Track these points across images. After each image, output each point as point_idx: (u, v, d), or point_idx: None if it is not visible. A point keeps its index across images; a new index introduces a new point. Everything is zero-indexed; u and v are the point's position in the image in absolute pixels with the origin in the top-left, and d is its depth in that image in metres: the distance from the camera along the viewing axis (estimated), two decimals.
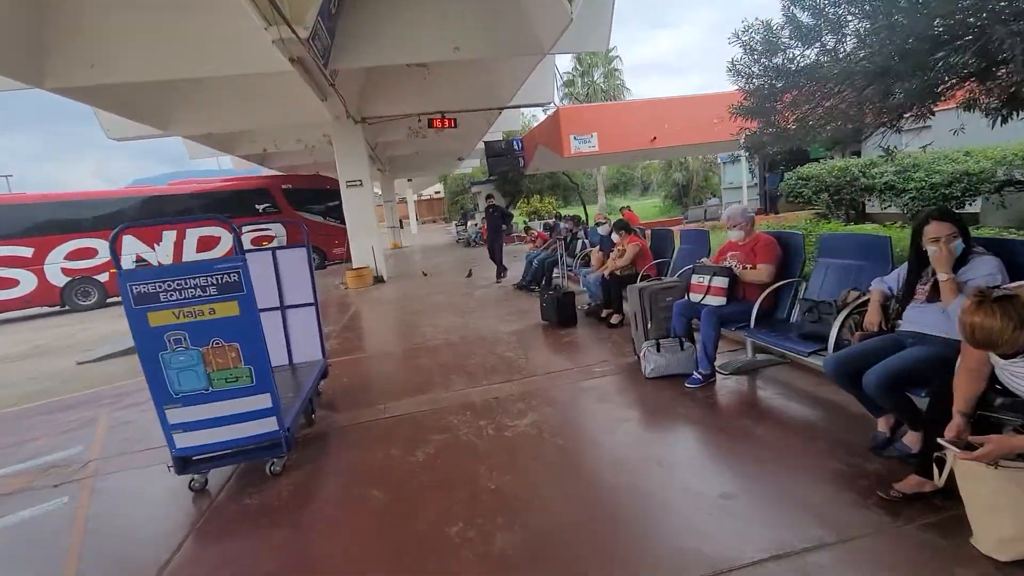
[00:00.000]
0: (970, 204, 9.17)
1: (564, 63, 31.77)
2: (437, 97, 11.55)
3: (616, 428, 3.02)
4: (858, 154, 15.42)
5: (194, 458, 2.73)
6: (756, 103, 5.97)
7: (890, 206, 10.51)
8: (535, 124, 21.26)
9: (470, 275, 10.54)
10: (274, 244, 14.99)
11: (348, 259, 11.65)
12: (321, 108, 10.28)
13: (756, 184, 19.38)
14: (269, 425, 2.75)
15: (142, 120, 9.84)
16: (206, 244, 15.21)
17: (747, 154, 13.26)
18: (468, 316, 6.71)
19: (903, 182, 9.69)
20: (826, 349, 2.73)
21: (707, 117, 13.09)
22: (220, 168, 23.95)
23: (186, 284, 2.49)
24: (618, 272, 5.19)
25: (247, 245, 15.98)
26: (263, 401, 2.69)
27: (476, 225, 20.63)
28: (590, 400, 3.50)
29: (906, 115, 5.69)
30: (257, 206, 16.44)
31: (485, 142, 16.18)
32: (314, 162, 17.81)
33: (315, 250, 17.08)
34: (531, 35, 8.29)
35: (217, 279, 2.52)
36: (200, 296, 2.52)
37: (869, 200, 10.76)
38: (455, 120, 11.86)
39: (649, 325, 3.90)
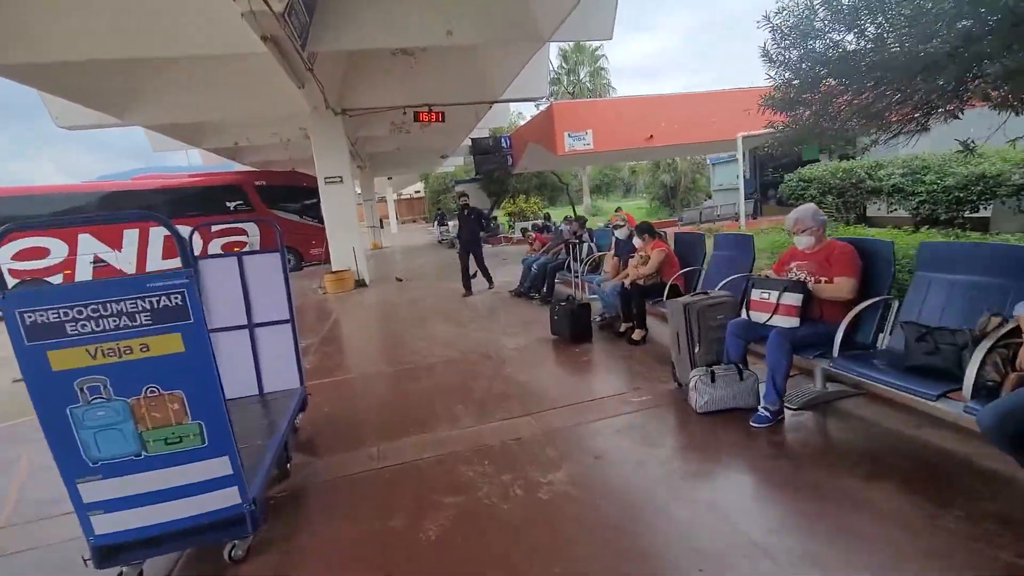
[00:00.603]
0: (984, 208, 8.83)
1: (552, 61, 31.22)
2: (423, 88, 10.80)
3: (682, 489, 2.37)
4: (847, 157, 15.15)
5: (122, 546, 1.98)
6: (794, 93, 5.42)
7: (897, 209, 10.16)
8: (521, 123, 20.62)
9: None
10: (248, 248, 14.04)
11: (326, 260, 10.82)
12: (298, 97, 9.43)
13: (748, 186, 19.10)
14: (229, 498, 2.02)
15: (95, 106, 8.85)
16: (170, 249, 14.17)
17: (745, 154, 12.85)
18: (465, 327, 6.01)
19: (912, 184, 9.31)
20: (958, 390, 2.13)
21: (704, 115, 12.66)
22: (190, 164, 22.72)
23: (106, 310, 1.75)
24: (641, 282, 4.56)
25: (218, 250, 15.08)
26: (220, 467, 1.96)
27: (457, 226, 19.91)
28: (636, 443, 2.85)
29: (940, 110, 5.21)
30: (228, 203, 15.45)
31: (472, 139, 15.47)
32: (289, 158, 16.86)
33: (291, 251, 16.19)
34: (531, 20, 7.63)
35: (152, 302, 1.78)
36: (128, 327, 1.78)
37: (875, 203, 10.39)
38: (442, 114, 11.13)
39: (697, 348, 3.27)
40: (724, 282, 3.82)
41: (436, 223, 22.19)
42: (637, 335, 4.59)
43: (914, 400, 2.50)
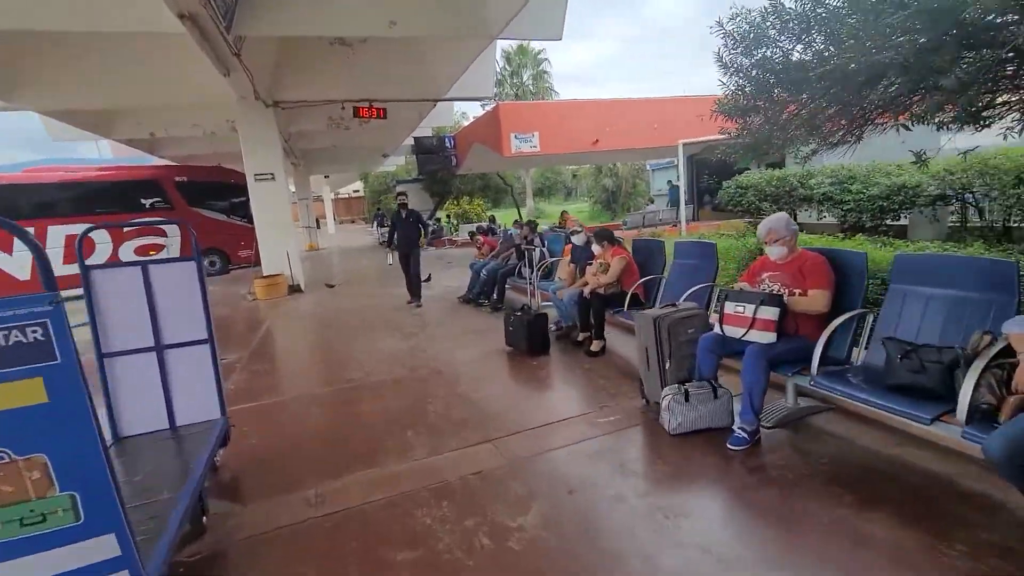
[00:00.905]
0: (903, 217, 9.41)
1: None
2: (364, 83, 10.22)
3: (667, 529, 2.13)
4: (777, 166, 15.89)
5: None
6: (745, 100, 5.41)
7: (825, 216, 10.68)
8: (466, 123, 20.26)
9: (428, 279, 9.40)
10: (165, 254, 12.80)
11: (256, 263, 10.00)
12: (223, 85, 8.62)
13: (686, 192, 19.68)
14: None
15: None
16: (89, 253, 12.72)
17: (682, 161, 13.14)
18: (413, 338, 5.59)
19: (841, 193, 9.80)
20: (950, 412, 2.02)
21: (647, 122, 12.84)
22: (101, 156, 20.65)
23: None
24: (601, 290, 4.35)
25: (130, 255, 13.71)
26: (104, 548, 1.51)
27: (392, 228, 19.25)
28: (610, 472, 2.59)
29: (877, 122, 5.38)
30: (143, 201, 14.09)
31: (415, 138, 14.93)
32: (214, 152, 15.60)
33: (217, 253, 15.00)
34: (480, 15, 7.31)
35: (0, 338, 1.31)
36: None
37: (805, 210, 10.87)
38: (384, 111, 10.59)
39: (667, 364, 3.07)
40: (689, 292, 3.67)
41: (375, 224, 21.29)
42: (596, 346, 4.38)
43: (895, 419, 2.40)
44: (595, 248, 4.57)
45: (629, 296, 4.24)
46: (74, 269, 2.87)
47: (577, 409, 3.39)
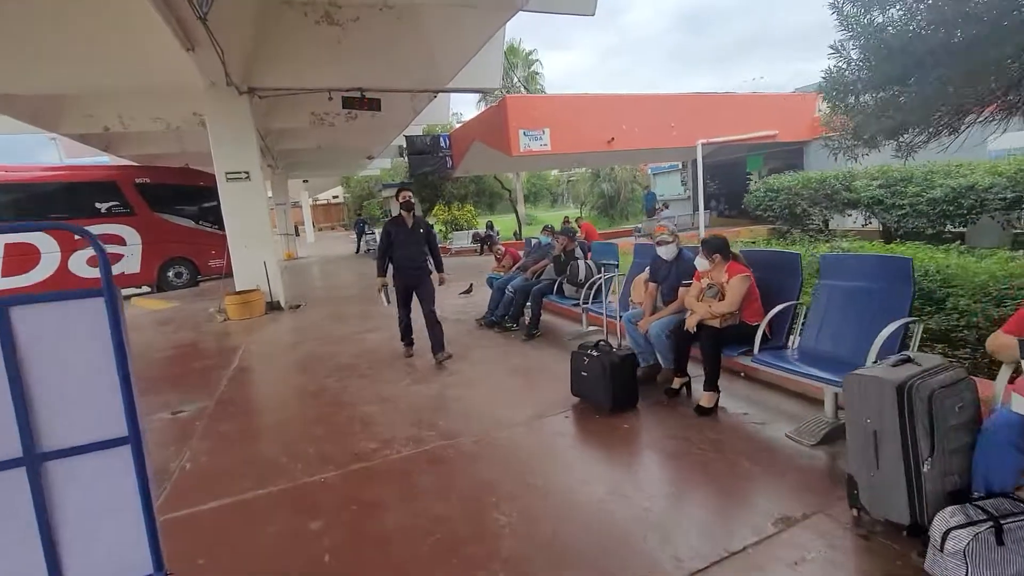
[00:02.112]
0: (962, 223, 8.45)
1: None
2: (355, 70, 8.88)
3: None
4: (794, 168, 14.99)
5: None
6: (869, 72, 4.28)
7: (870, 222, 9.70)
8: (458, 125, 18.97)
9: (469, 290, 8.21)
10: (123, 265, 11.16)
11: (227, 273, 8.55)
12: (187, 64, 7.22)
13: (689, 196, 18.74)
14: None
15: None
16: (10, 264, 11.13)
17: (700, 162, 12.10)
18: (437, 381, 4.27)
19: (892, 196, 8.81)
20: None
21: (664, 119, 11.76)
22: (62, 158, 18.76)
23: None
24: (717, 323, 3.12)
25: (82, 266, 12.12)
26: None
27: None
28: None
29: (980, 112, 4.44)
30: (98, 205, 12.46)
31: (406, 137, 13.61)
32: (182, 152, 14.01)
33: (184, 262, 13.44)
34: None
35: None
36: None
37: (848, 214, 9.87)
38: (378, 101, 9.26)
39: (927, 465, 1.83)
40: (884, 336, 2.45)
41: (356, 232, 19.89)
42: (708, 401, 3.13)
43: None
44: (700, 263, 3.32)
45: (744, 328, 3.03)
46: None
47: (739, 528, 2.12)
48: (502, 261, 6.69)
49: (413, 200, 5.01)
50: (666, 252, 3.70)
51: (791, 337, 3.19)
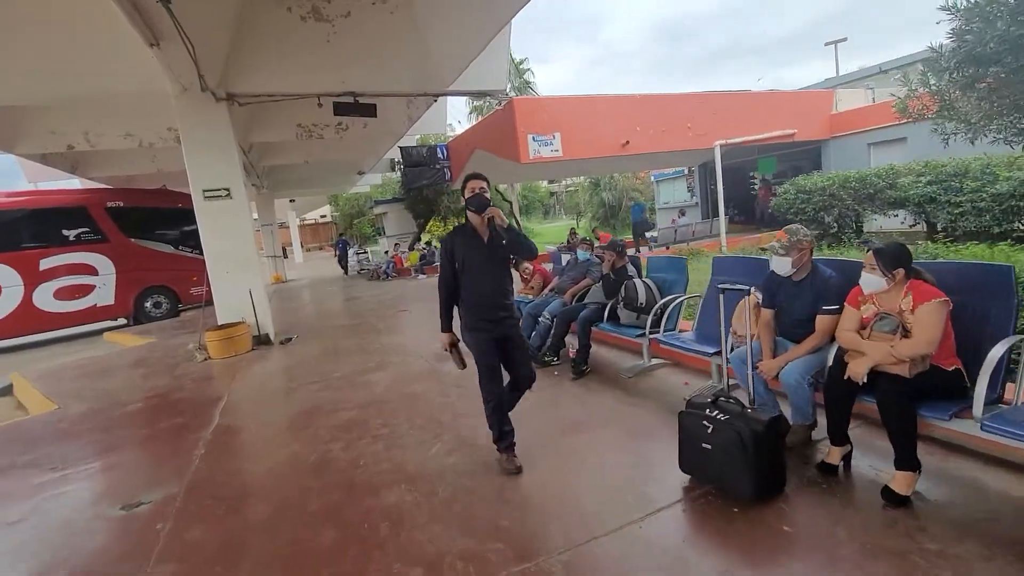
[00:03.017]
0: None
1: None
2: (347, 72, 7.96)
3: None
4: (800, 171, 14.23)
5: None
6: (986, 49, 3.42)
7: (917, 223, 8.89)
8: (452, 136, 18.08)
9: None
10: (95, 296, 9.99)
11: (209, 301, 7.51)
12: (157, 69, 6.26)
13: (697, 203, 17.99)
14: None
15: None
16: None
17: (719, 165, 11.30)
18: (477, 447, 3.27)
19: (945, 193, 8.00)
20: None
21: (681, 120, 10.97)
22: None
23: None
24: (906, 372, 2.16)
25: (48, 300, 10.99)
26: None
27: (387, 253, 16.85)
28: None
29: None
30: (66, 232, 11.36)
31: (401, 148, 12.70)
32: (158, 171, 12.95)
33: (163, 291, 12.35)
34: None
35: None
36: None
37: (893, 215, 9.03)
38: (375, 107, 8.33)
39: None
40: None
41: (338, 252, 18.95)
42: (904, 485, 2.15)
43: None
44: (871, 281, 2.35)
45: (942, 376, 2.10)
46: None
47: None
48: (530, 282, 5.72)
49: (487, 193, 2.87)
50: (780, 266, 2.75)
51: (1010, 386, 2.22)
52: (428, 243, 17.19)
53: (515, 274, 3.69)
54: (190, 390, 5.45)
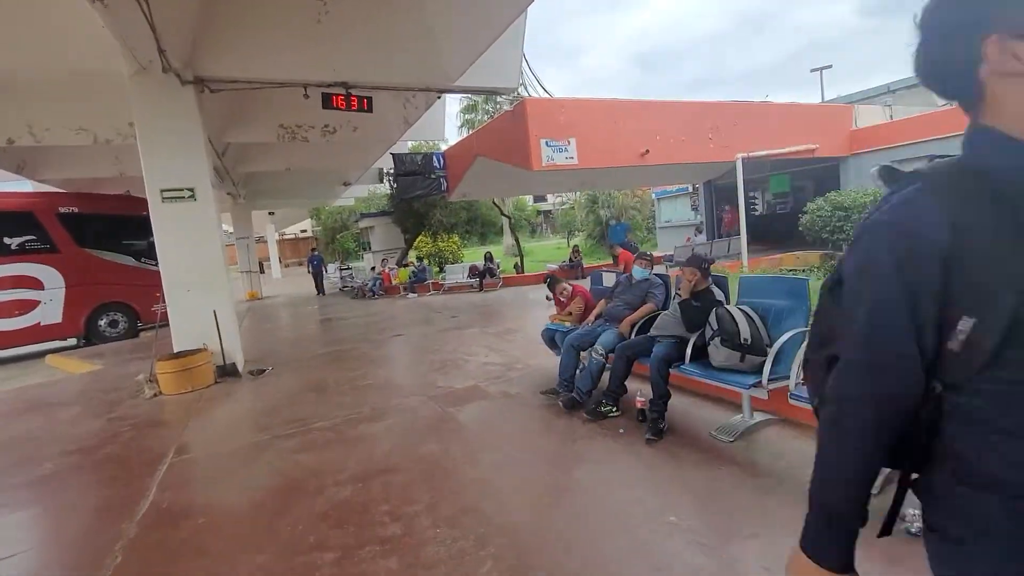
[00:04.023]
0: None
1: None
2: (339, 59, 6.88)
3: None
4: (820, 193, 13.50)
5: None
6: None
7: None
8: (447, 147, 17.06)
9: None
10: (40, 313, 8.45)
11: (164, 322, 6.25)
12: (107, 40, 5.09)
13: (702, 222, 17.20)
14: None
15: None
16: None
17: (740, 180, 10.48)
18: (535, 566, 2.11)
19: None
20: None
21: (702, 130, 10.12)
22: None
23: None
24: None
25: None
26: None
27: (374, 270, 15.59)
28: None
29: None
30: (8, 240, 9.96)
31: (393, 155, 11.62)
32: (121, 175, 11.59)
33: (121, 308, 10.97)
34: None
35: None
36: None
37: None
38: (369, 101, 7.23)
39: None
40: None
41: (312, 270, 17.37)
42: None
43: None
44: None
45: None
46: None
47: None
48: (568, 306, 4.60)
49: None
50: None
51: None
52: (420, 259, 16.01)
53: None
54: (125, 443, 4.15)
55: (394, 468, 3.17)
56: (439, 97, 8.17)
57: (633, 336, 3.83)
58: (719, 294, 3.43)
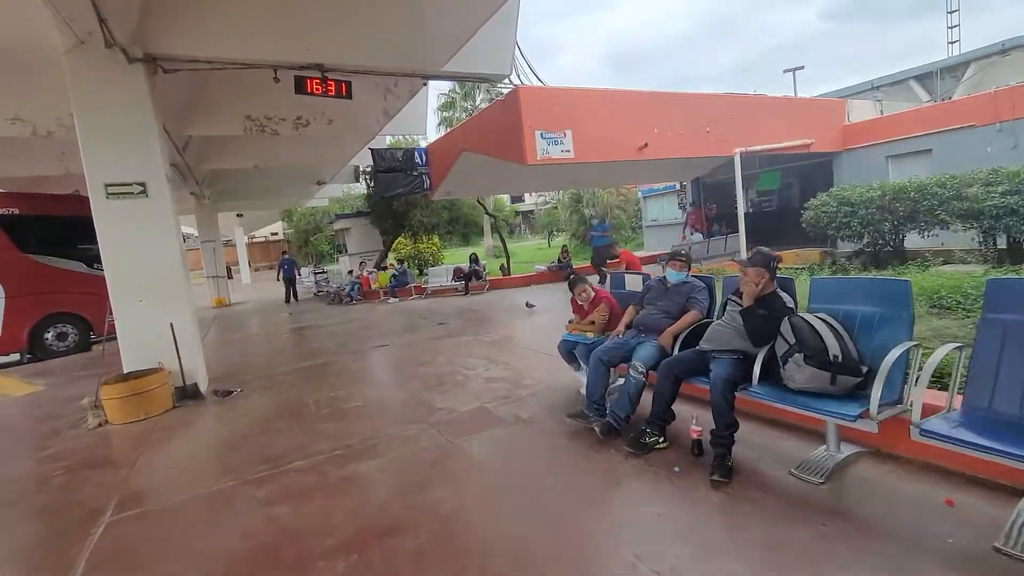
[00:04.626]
0: None
1: (443, 85, 27.38)
2: (310, 37, 6.13)
3: None
4: (825, 186, 13.29)
5: None
6: None
7: (988, 240, 7.73)
8: (427, 142, 16.30)
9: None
10: None
11: (112, 334, 5.39)
12: (29, 2, 4.27)
13: (689, 220, 16.84)
14: None
15: None
16: None
17: (739, 175, 10.07)
18: None
19: None
20: None
21: (700, 123, 9.67)
22: None
23: None
24: None
25: None
26: None
27: (352, 273, 14.74)
28: None
29: None
30: None
31: (372, 150, 10.83)
32: (67, 172, 10.50)
33: (72, 319, 9.97)
34: None
35: None
36: None
37: (966, 228, 7.75)
38: (348, 86, 6.49)
39: None
40: None
41: (283, 275, 15.66)
42: None
43: None
44: None
45: None
46: None
47: None
48: (589, 313, 3.96)
49: None
50: None
51: None
52: (401, 261, 15.21)
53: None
54: (54, 493, 3.35)
55: (398, 526, 2.49)
56: (425, 84, 7.46)
57: (676, 350, 3.23)
58: (788, 300, 2.85)
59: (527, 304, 8.66)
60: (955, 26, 15.75)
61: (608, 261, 8.65)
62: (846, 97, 16.70)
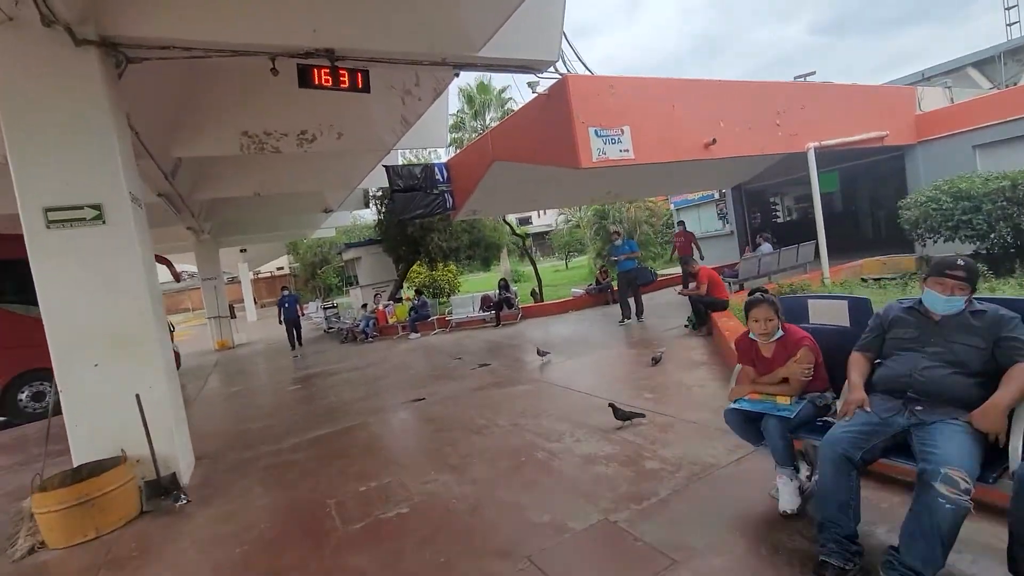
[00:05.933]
0: None
1: (451, 104, 26.48)
2: (318, 16, 4.83)
3: None
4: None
5: None
6: None
7: None
8: (435, 160, 15.01)
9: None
10: None
11: (57, 411, 3.95)
12: None
13: (732, 232, 15.41)
14: None
15: None
16: None
17: (814, 177, 8.65)
18: None
19: None
20: None
21: (769, 114, 8.30)
22: None
23: None
24: None
25: None
26: None
27: (366, 307, 13.32)
28: None
29: None
30: None
31: (387, 167, 9.53)
32: None
33: (50, 376, 8.50)
34: None
35: None
36: None
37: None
38: (365, 75, 5.16)
39: None
40: None
41: (283, 315, 12.48)
42: None
43: None
44: None
45: None
46: None
47: None
48: (786, 365, 2.46)
49: None
50: None
51: None
52: (419, 291, 13.78)
53: None
54: None
55: None
56: (456, 74, 6.13)
57: (1010, 437, 1.72)
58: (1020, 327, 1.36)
59: (539, 352, 6.59)
60: (1013, 7, 14.50)
61: (689, 284, 7.10)
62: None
